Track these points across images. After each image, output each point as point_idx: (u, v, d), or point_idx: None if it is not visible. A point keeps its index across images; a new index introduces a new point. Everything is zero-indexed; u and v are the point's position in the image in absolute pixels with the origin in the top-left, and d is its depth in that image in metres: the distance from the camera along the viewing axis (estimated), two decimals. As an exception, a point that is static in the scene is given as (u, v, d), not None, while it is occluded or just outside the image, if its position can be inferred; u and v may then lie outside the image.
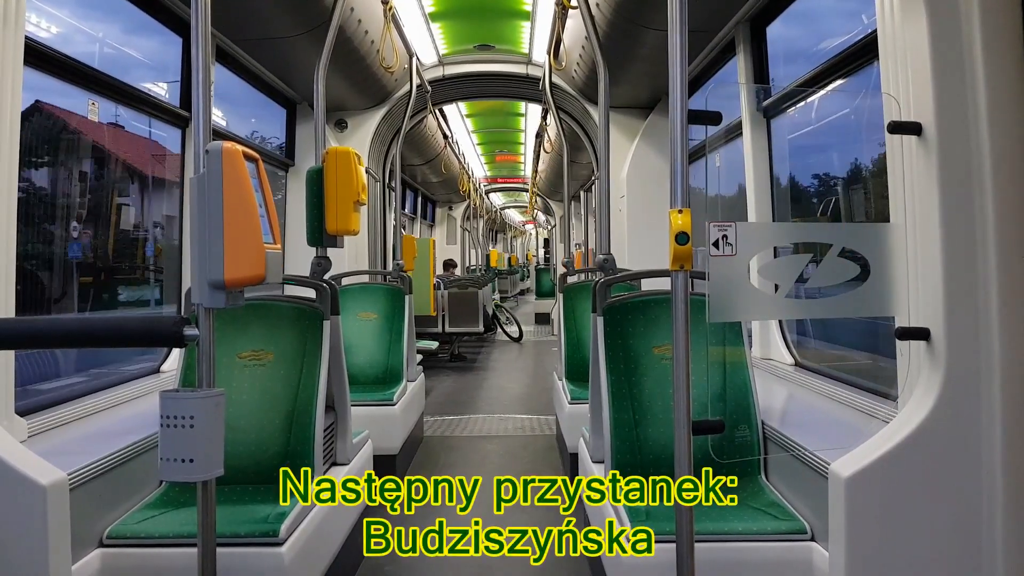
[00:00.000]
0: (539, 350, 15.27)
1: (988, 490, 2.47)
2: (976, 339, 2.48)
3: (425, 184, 17.59)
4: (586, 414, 4.53)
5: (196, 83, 2.61)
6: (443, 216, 23.62)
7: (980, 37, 2.44)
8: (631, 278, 4.78)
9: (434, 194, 20.55)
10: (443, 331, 13.26)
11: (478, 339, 15.99)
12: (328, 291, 4.22)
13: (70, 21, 4.62)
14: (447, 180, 16.54)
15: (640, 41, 6.15)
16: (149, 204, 6.01)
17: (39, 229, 4.67)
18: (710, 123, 2.59)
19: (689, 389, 2.57)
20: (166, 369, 4.95)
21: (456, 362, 13.43)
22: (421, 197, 19.50)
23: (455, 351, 13.73)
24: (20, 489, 2.59)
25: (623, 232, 8.15)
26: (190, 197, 2.60)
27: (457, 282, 14.65)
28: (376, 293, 7.18)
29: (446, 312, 13.22)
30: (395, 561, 4.51)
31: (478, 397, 10.17)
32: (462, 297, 13.38)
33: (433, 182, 17.06)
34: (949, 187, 2.48)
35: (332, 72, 5.66)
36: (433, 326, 13.00)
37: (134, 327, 2.71)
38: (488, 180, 23.14)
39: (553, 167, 14.72)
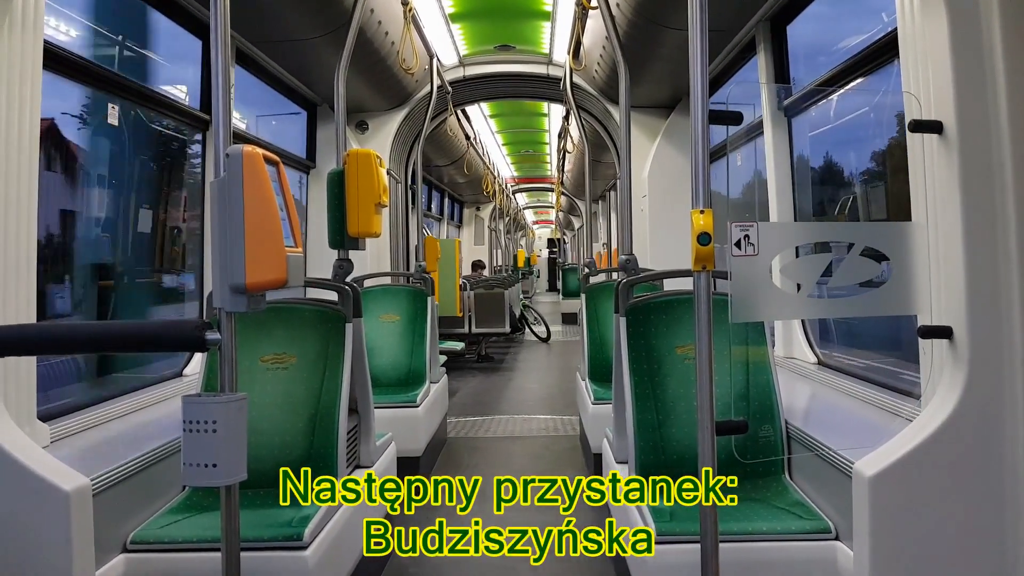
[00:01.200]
0: (566, 350, 15.24)
1: (1012, 488, 2.46)
2: (999, 337, 2.46)
3: (452, 185, 17.61)
4: (609, 414, 4.52)
5: (216, 86, 2.61)
6: (471, 216, 23.64)
7: (1000, 35, 2.42)
8: (653, 278, 4.77)
9: (461, 195, 20.58)
10: (469, 332, 13.27)
11: (506, 340, 15.98)
12: (351, 294, 4.22)
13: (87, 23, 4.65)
14: (473, 181, 16.55)
15: (660, 41, 6.14)
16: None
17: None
18: (731, 123, 2.57)
19: (713, 389, 2.56)
20: (188, 373, 4.98)
21: (483, 363, 13.44)
22: (448, 198, 19.51)
23: (482, 351, 13.74)
24: (43, 495, 2.61)
25: (645, 232, 8.13)
26: (211, 200, 2.61)
27: (483, 283, 14.65)
28: (398, 295, 7.18)
29: (472, 313, 13.23)
30: (421, 563, 4.51)
31: (503, 398, 10.16)
32: (488, 298, 13.37)
33: (460, 183, 17.07)
34: (970, 185, 2.46)
35: (352, 74, 5.67)
36: (460, 327, 13.01)
37: (156, 331, 2.72)
38: (515, 180, 23.15)
39: (578, 166, 14.71)
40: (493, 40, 9.16)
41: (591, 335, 6.97)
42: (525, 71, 9.58)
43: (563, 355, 14.61)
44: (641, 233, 8.06)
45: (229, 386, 2.58)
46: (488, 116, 14.37)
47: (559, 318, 21.60)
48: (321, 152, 8.27)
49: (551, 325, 17.53)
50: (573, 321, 20.21)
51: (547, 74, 9.51)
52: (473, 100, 10.72)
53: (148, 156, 5.34)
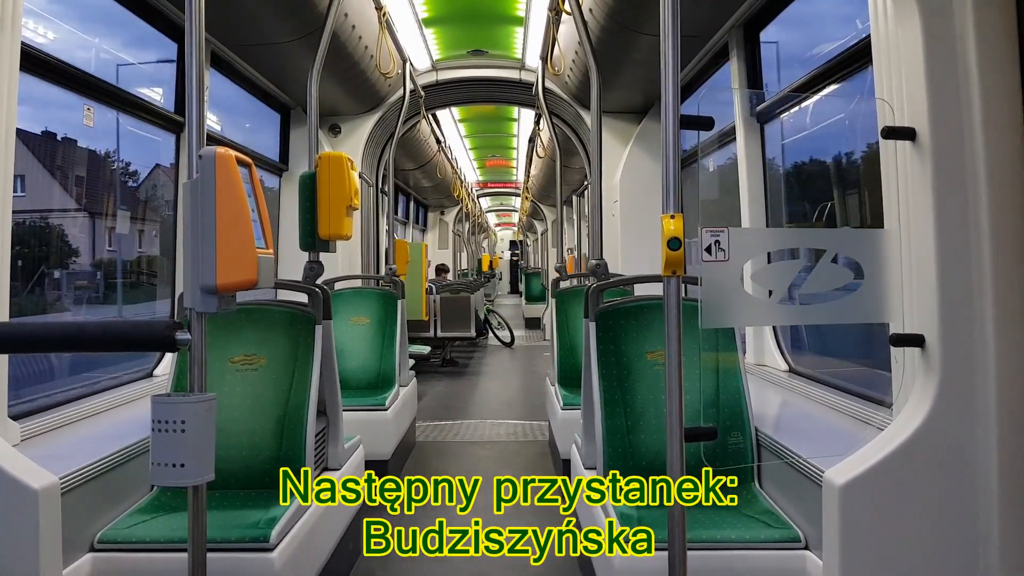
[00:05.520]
0: (530, 355, 15.25)
1: (983, 497, 2.47)
2: (971, 345, 2.48)
3: (417, 189, 17.60)
4: (579, 420, 4.52)
5: (190, 88, 2.61)
6: (435, 220, 23.64)
7: (974, 42, 2.44)
8: (624, 283, 4.78)
9: (426, 199, 20.56)
10: (435, 336, 13.24)
11: (470, 344, 15.96)
12: (320, 296, 4.20)
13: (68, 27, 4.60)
14: (439, 185, 16.55)
15: (633, 46, 6.15)
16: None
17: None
18: (702, 128, 2.57)
19: (682, 395, 2.54)
20: (159, 373, 4.94)
21: (448, 367, 13.41)
22: (413, 202, 19.50)
23: (447, 356, 13.71)
24: (12, 493, 2.59)
25: (616, 237, 8.15)
26: (183, 201, 2.60)
27: (449, 287, 14.63)
28: (369, 298, 7.16)
29: (438, 317, 13.20)
30: (389, 564, 4.49)
31: (470, 402, 10.15)
32: (454, 302, 13.35)
33: (425, 187, 17.07)
34: (943, 192, 2.48)
35: (326, 77, 5.66)
36: (425, 331, 12.98)
37: (126, 331, 2.70)
38: (479, 185, 23.18)
39: (546, 171, 14.74)
40: (466, 45, 9.16)
41: (561, 340, 6.97)
42: (497, 76, 9.60)
43: (527, 360, 14.63)
44: (612, 238, 8.09)
45: (198, 386, 2.56)
46: (458, 120, 14.36)
47: (522, 322, 21.62)
48: (294, 155, 8.24)
49: (514, 329, 17.55)
50: (536, 326, 20.26)
51: (519, 79, 9.53)
52: (445, 104, 10.74)
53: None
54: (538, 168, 15.38)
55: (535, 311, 21.01)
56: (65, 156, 5.01)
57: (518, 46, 9.05)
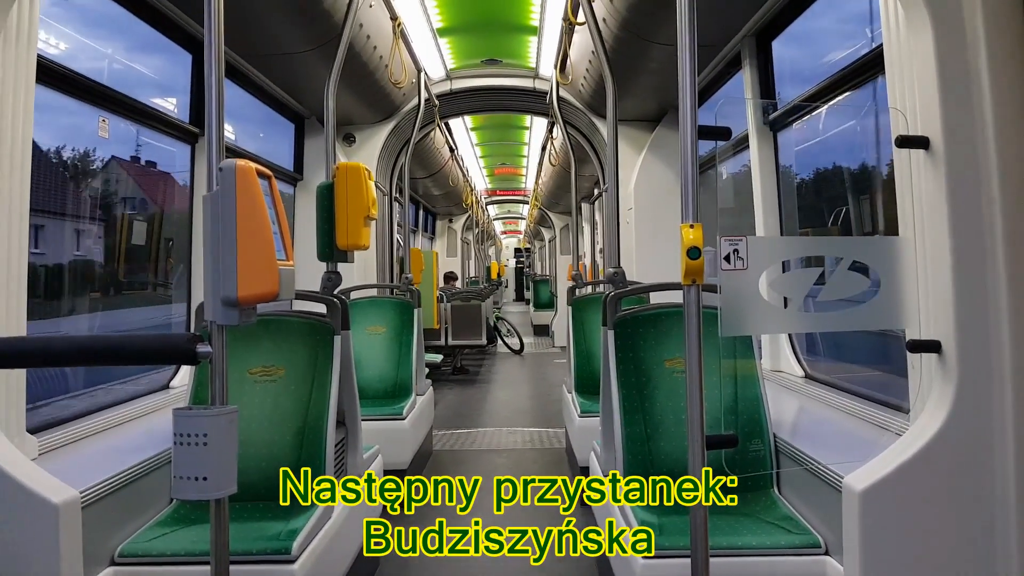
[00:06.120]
0: (540, 362, 15.27)
1: (1002, 501, 2.47)
2: (987, 351, 2.48)
3: (427, 196, 17.62)
4: (596, 427, 4.52)
5: (209, 100, 2.59)
6: (443, 228, 23.65)
7: (985, 51, 2.45)
8: (642, 291, 4.78)
9: (435, 206, 20.58)
10: (446, 344, 13.26)
11: (479, 351, 15.97)
12: (339, 306, 4.22)
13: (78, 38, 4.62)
14: (450, 193, 16.58)
15: (647, 55, 6.17)
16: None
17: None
18: (720, 138, 2.58)
19: (703, 403, 2.55)
20: (175, 385, 4.96)
21: (459, 375, 13.44)
22: (422, 209, 19.53)
23: (458, 364, 13.73)
24: (32, 508, 2.60)
25: (631, 244, 8.15)
26: (203, 214, 2.60)
27: (460, 295, 14.65)
28: (384, 307, 7.19)
29: (449, 325, 13.22)
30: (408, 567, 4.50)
31: (484, 410, 10.16)
32: (465, 310, 13.37)
33: (435, 195, 17.08)
34: (958, 200, 2.49)
35: (341, 87, 5.68)
36: (436, 339, 13.00)
37: (147, 344, 2.71)
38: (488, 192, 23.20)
39: (556, 179, 14.75)
40: (480, 54, 9.19)
41: (577, 348, 6.98)
42: (511, 85, 9.62)
43: (538, 366, 14.64)
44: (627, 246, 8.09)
45: (220, 399, 2.55)
46: (470, 128, 14.40)
47: (531, 329, 21.61)
48: (309, 164, 8.26)
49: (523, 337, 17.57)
50: (545, 332, 20.30)
51: (533, 88, 9.55)
52: (459, 113, 10.74)
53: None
54: (548, 176, 15.40)
55: (543, 318, 21.04)
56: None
57: (532, 55, 9.07)
